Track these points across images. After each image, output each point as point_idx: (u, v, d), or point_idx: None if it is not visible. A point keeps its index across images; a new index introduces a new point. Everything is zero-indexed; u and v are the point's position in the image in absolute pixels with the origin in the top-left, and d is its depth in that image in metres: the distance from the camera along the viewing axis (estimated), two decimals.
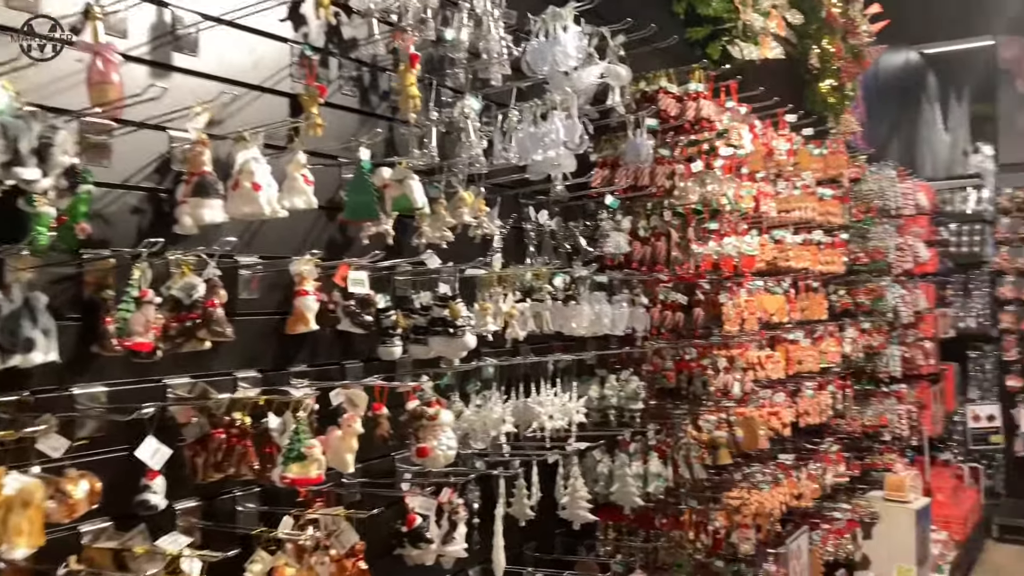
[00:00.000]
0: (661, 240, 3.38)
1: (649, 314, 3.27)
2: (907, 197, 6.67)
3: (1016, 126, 8.48)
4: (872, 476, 6.27)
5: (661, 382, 3.41)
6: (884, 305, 6.18)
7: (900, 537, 5.84)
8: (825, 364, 5.10)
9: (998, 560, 7.28)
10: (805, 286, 4.95)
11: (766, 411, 4.30)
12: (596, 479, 3.15)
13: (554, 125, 2.71)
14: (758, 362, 4.30)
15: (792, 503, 4.66)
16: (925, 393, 6.94)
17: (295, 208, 2.00)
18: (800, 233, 4.94)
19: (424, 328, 2.33)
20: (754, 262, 4.16)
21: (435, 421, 2.19)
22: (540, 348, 3.03)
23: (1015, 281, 8.33)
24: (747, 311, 4.12)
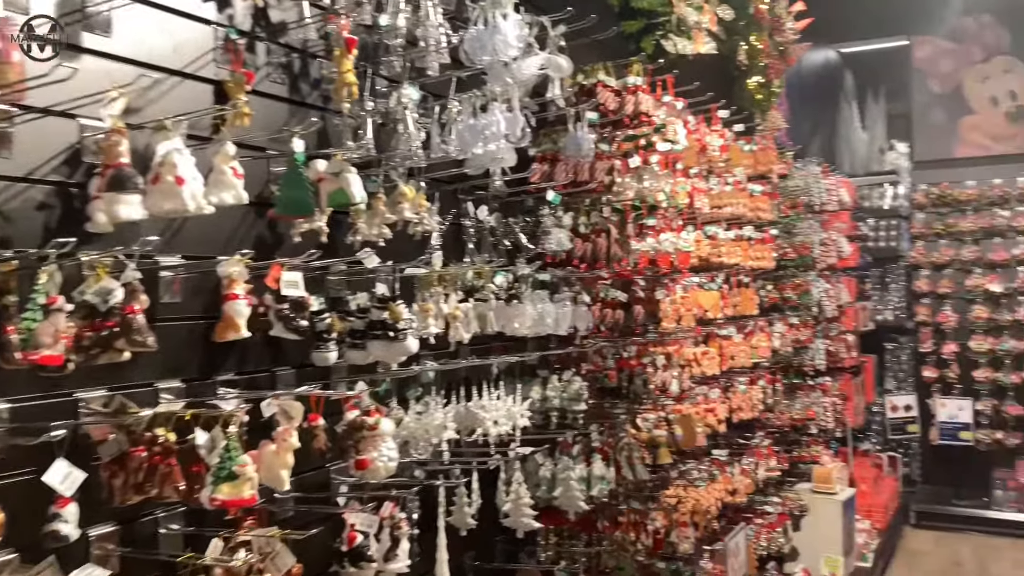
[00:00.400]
0: (601, 237, 3.30)
1: (590, 312, 3.19)
2: (831, 193, 6.78)
3: (930, 124, 8.73)
4: (800, 468, 6.36)
5: (602, 382, 3.34)
6: (810, 299, 6.26)
7: (827, 528, 5.94)
8: (756, 359, 5.13)
9: (916, 546, 7.50)
10: (737, 282, 4.96)
11: (702, 408, 4.29)
12: (538, 483, 3.05)
13: (495, 117, 2.60)
14: (694, 359, 4.28)
15: (727, 499, 4.67)
16: (847, 385, 7.08)
17: (223, 204, 1.83)
18: (732, 229, 4.95)
19: (362, 332, 2.19)
20: (690, 258, 4.13)
21: (375, 431, 2.06)
22: (480, 350, 2.92)
23: (930, 275, 8.59)
24: (683, 308, 4.09)
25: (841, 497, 6.01)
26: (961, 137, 8.59)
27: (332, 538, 2.17)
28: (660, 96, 3.88)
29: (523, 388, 3.06)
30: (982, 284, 8.24)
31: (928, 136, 8.74)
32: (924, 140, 8.77)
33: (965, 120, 8.56)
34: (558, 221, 3.08)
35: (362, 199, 2.12)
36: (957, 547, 7.44)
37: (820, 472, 6.10)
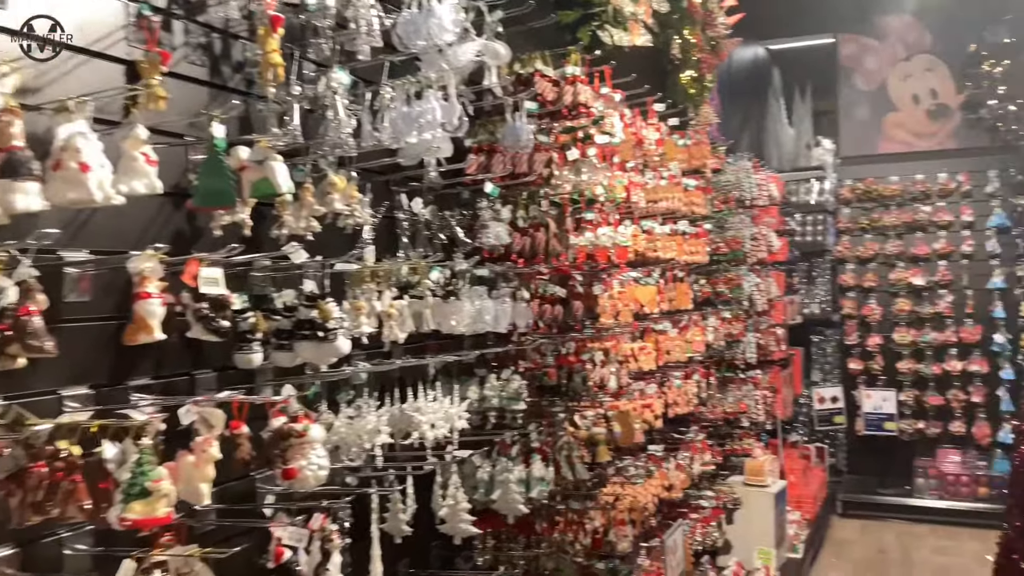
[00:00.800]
0: (540, 231, 3.21)
1: (530, 308, 3.10)
2: (761, 188, 6.83)
3: (855, 120, 8.90)
4: (732, 461, 6.40)
5: (541, 380, 3.25)
6: (741, 293, 6.30)
7: (760, 520, 5.99)
8: (691, 353, 5.12)
9: (843, 535, 7.65)
10: (672, 276, 4.93)
11: (639, 404, 4.24)
12: (476, 486, 2.95)
13: (430, 105, 2.47)
14: (632, 354, 4.23)
15: (664, 495, 4.65)
16: (777, 378, 7.16)
17: (134, 193, 1.67)
18: (667, 224, 4.92)
19: (289, 332, 2.04)
20: (627, 253, 4.07)
21: (303, 438, 1.92)
22: (416, 349, 2.80)
23: (855, 268, 8.77)
24: (621, 303, 4.04)
25: (773, 489, 6.06)
26: (885, 133, 8.78)
27: (258, 554, 2.03)
28: (598, 88, 3.81)
29: (460, 388, 2.95)
30: (905, 277, 8.44)
31: (854, 132, 8.91)
32: (850, 136, 8.94)
33: (889, 117, 8.76)
34: (496, 214, 2.97)
35: (288, 189, 1.97)
36: (882, 535, 7.62)
37: (752, 465, 6.14)
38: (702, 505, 5.32)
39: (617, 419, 3.77)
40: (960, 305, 8.26)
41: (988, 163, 8.28)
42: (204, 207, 1.93)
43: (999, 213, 8.15)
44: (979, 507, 7.70)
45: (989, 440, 8.08)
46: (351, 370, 2.33)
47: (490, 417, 2.94)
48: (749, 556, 5.83)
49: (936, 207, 8.44)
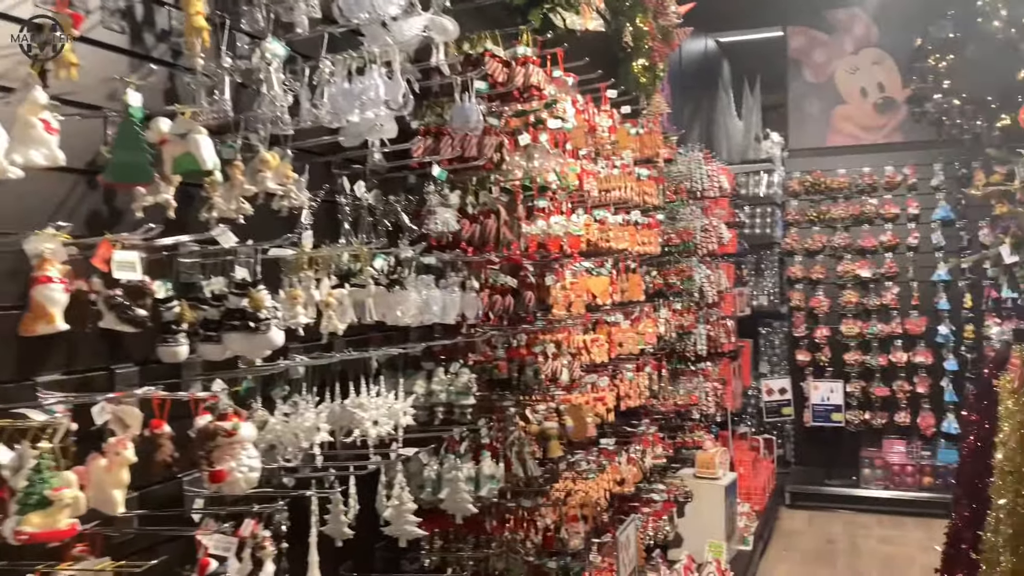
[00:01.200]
0: (491, 218, 3.07)
1: (479, 299, 2.96)
2: (712, 179, 6.79)
3: (804, 113, 8.93)
4: (683, 454, 6.36)
5: (492, 373, 3.12)
6: (692, 285, 6.25)
7: (710, 513, 5.95)
8: (643, 345, 5.04)
9: (792, 526, 7.68)
10: (624, 267, 4.84)
11: (592, 397, 4.14)
12: (422, 485, 2.81)
13: (373, 82, 2.32)
14: (584, 346, 4.12)
15: (616, 489, 4.56)
16: (726, 370, 7.14)
17: (31, 164, 1.49)
18: (619, 213, 4.83)
19: (217, 322, 1.88)
20: (580, 243, 3.96)
21: (233, 438, 1.76)
22: (358, 341, 2.65)
23: (803, 261, 8.80)
24: (574, 294, 3.92)
25: (723, 482, 6.03)
26: (834, 127, 8.83)
27: (181, 565, 1.86)
28: (550, 72, 3.68)
29: (406, 382, 2.80)
30: (852, 269, 8.51)
31: (802, 125, 8.95)
32: (799, 129, 8.97)
33: (837, 110, 8.81)
34: (444, 200, 2.83)
35: (214, 165, 1.80)
36: (829, 525, 7.67)
37: (703, 457, 6.11)
38: (654, 499, 5.26)
39: (569, 413, 3.66)
40: (906, 297, 8.35)
41: (933, 156, 8.37)
42: (118, 183, 1.76)
43: (943, 206, 8.25)
44: (923, 496, 7.80)
45: (933, 430, 8.19)
46: (287, 364, 2.17)
47: (438, 413, 2.80)
48: (700, 549, 5.79)
49: (883, 199, 8.51)
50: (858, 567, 6.58)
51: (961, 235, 8.20)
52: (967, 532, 4.43)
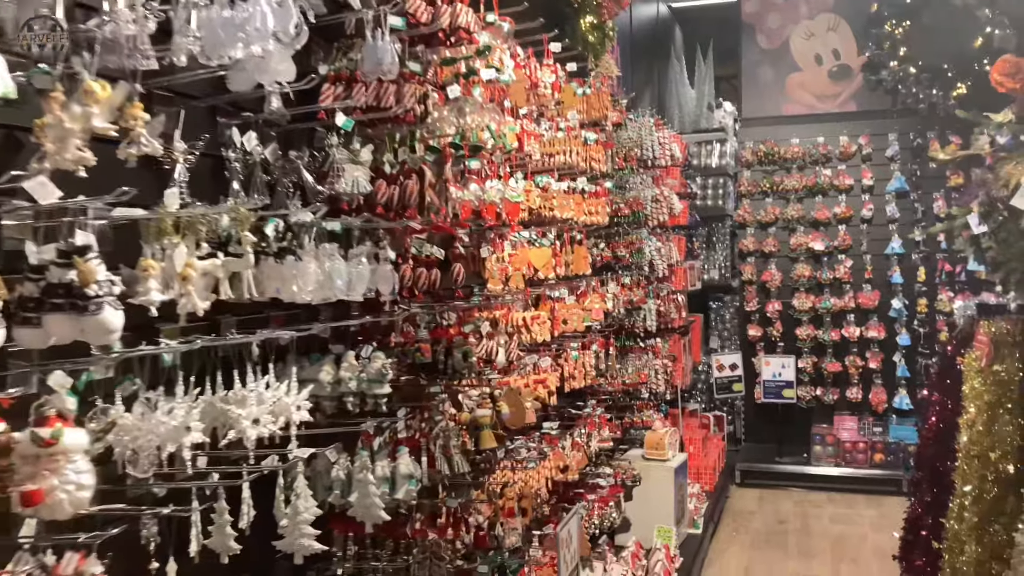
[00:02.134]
0: (412, 179, 2.68)
1: (398, 272, 2.58)
2: (664, 147, 6.46)
3: (758, 81, 8.65)
4: (631, 435, 6.08)
5: (415, 357, 2.74)
6: (642, 258, 5.94)
7: (659, 496, 5.69)
8: (589, 322, 4.71)
9: (742, 505, 7.48)
10: (569, 238, 4.49)
11: (532, 379, 3.79)
12: (330, 486, 2.44)
13: (259, 9, 1.92)
14: (524, 324, 3.77)
15: (559, 477, 4.24)
16: (676, 346, 6.87)
17: None
18: (564, 180, 4.47)
19: (38, 300, 1.47)
20: (519, 211, 3.59)
21: (54, 447, 1.37)
22: (252, 321, 2.25)
23: (755, 233, 8.56)
24: (512, 267, 3.56)
25: (673, 463, 5.76)
26: (788, 95, 8.56)
27: None
28: (483, 16, 3.29)
29: (310, 369, 2.42)
30: (805, 242, 8.28)
31: (756, 93, 8.66)
32: (752, 97, 8.69)
33: (792, 77, 8.53)
34: (354, 157, 2.43)
35: (6, 91, 1.39)
36: (780, 504, 7.48)
37: (652, 438, 5.83)
38: (600, 484, 4.95)
39: (506, 398, 3.30)
40: (859, 270, 8.17)
41: (888, 126, 8.16)
42: None
43: (898, 177, 8.06)
44: (875, 473, 7.67)
45: (885, 406, 8.05)
46: (148, 350, 1.77)
47: (349, 404, 2.42)
48: (648, 533, 5.53)
49: (837, 170, 8.28)
50: (810, 548, 6.39)
51: (916, 207, 8.01)
52: (927, 518, 4.21)
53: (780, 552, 6.32)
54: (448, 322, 2.94)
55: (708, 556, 6.17)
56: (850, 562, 6.08)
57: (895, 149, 8.09)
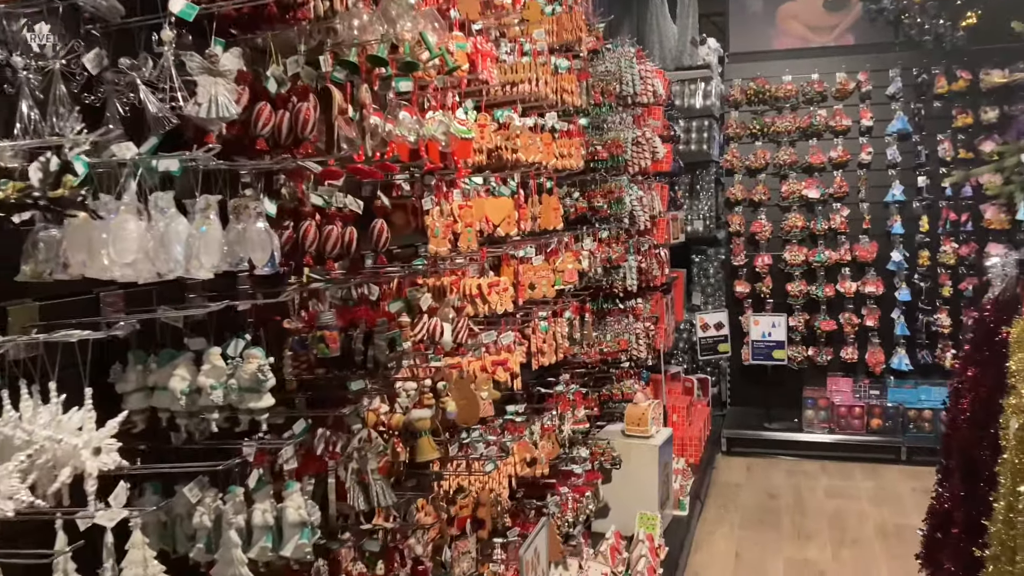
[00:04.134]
0: (310, 102, 1.92)
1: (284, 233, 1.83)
2: (646, 83, 5.68)
3: (746, 11, 7.85)
4: (611, 407, 5.42)
5: (319, 349, 2.00)
6: (622, 209, 5.21)
7: (642, 478, 5.05)
8: (561, 285, 4.00)
9: (729, 477, 6.88)
10: (536, 187, 3.75)
11: (491, 361, 3.08)
12: (192, 536, 1.72)
13: None
14: (479, 293, 3.05)
15: (525, 472, 3.57)
16: (659, 306, 6.19)
17: None
18: (530, 116, 3.72)
19: None
20: (471, 150, 2.84)
21: None
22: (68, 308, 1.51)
23: (743, 180, 7.84)
24: (463, 222, 2.83)
25: (657, 440, 5.11)
26: (779, 27, 7.78)
27: None
28: None
29: (157, 372, 1.69)
30: (798, 190, 7.59)
31: (744, 25, 7.88)
32: (740, 30, 7.91)
33: (784, 7, 7.74)
34: (212, 65, 1.66)
35: None
36: (770, 475, 6.90)
37: (633, 412, 5.16)
38: (574, 472, 4.28)
39: (454, 390, 2.59)
40: (856, 220, 7.50)
41: (890, 61, 7.42)
42: None
43: (900, 117, 7.34)
44: (872, 440, 7.09)
45: (882, 367, 7.45)
46: None
47: (213, 423, 1.69)
48: (629, 519, 4.89)
49: (833, 110, 7.55)
50: (805, 527, 5.80)
51: (919, 150, 7.31)
52: (959, 513, 3.58)
53: (773, 533, 5.73)
54: (370, 298, 2.21)
55: (695, 540, 5.57)
56: (851, 544, 5.50)
57: (897, 86, 7.36)
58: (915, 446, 6.92)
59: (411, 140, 2.51)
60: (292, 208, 2.06)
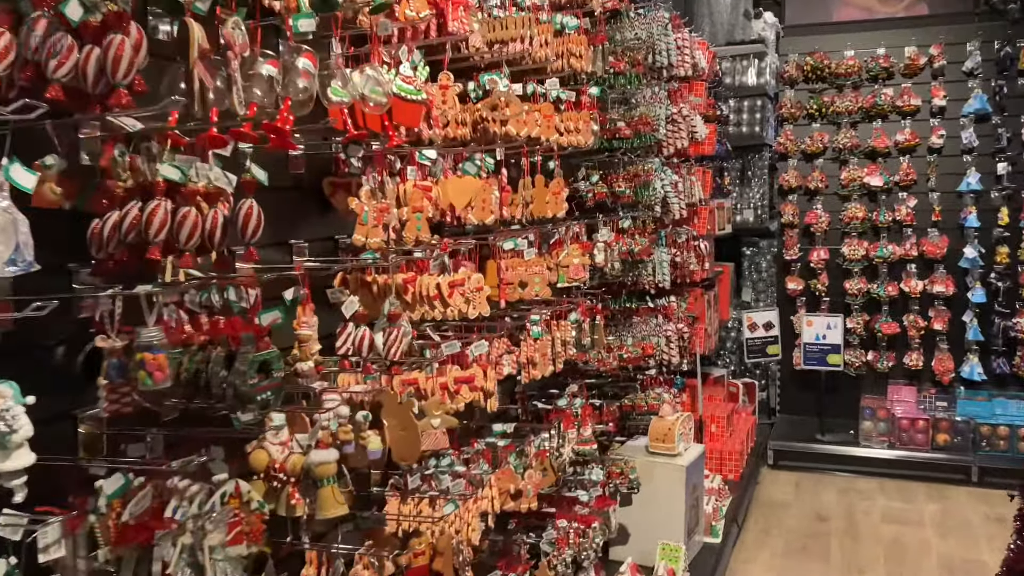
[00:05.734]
0: (126, 35, 1.38)
1: (115, 216, 1.30)
2: (683, 53, 5.03)
3: None
4: (634, 420, 4.82)
5: (139, 379, 1.46)
6: (651, 195, 4.57)
7: (667, 501, 4.43)
8: (565, 282, 3.41)
9: (774, 494, 6.20)
10: (530, 166, 3.16)
11: (454, 378, 2.52)
12: None
13: None
14: (438, 295, 2.48)
15: (509, 506, 3.00)
16: (698, 303, 5.54)
17: None
18: (527, 82, 3.13)
19: None
20: (420, 115, 2.27)
21: None
22: None
23: (799, 166, 7.12)
24: (410, 206, 2.26)
25: (685, 460, 4.48)
26: None
27: None
28: None
29: None
30: (859, 177, 6.84)
31: None
32: (797, 1, 7.15)
33: None
34: None
35: None
36: (820, 494, 6.20)
37: (658, 427, 4.55)
38: (579, 499, 3.70)
39: (390, 419, 2.04)
40: (925, 211, 6.74)
41: (968, 33, 6.62)
42: None
43: (979, 96, 6.54)
44: (937, 458, 6.32)
45: (951, 376, 6.67)
46: None
47: None
48: (651, 548, 4.30)
49: (901, 88, 6.78)
50: (859, 557, 5.12)
51: (1000, 133, 6.50)
52: None
53: (819, 564, 5.06)
54: (238, 304, 1.65)
55: (729, 570, 4.93)
56: None
57: (975, 61, 6.57)
58: (988, 466, 6.15)
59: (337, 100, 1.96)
60: (138, 185, 1.53)
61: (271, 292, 1.90)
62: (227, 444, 1.63)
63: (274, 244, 2.26)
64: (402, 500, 2.58)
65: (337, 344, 2.04)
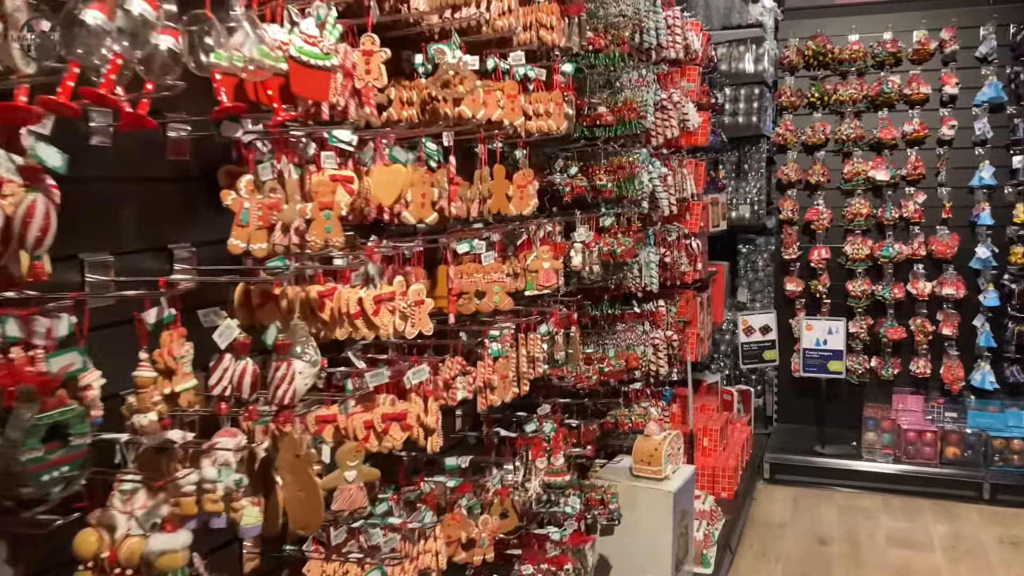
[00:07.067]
0: None
1: None
2: (673, 33, 4.56)
3: None
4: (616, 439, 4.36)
5: None
6: (637, 190, 4.10)
7: (653, 529, 3.98)
8: (534, 290, 2.94)
9: (770, 514, 5.75)
10: (487, 155, 2.69)
11: (380, 415, 2.04)
12: None
13: None
14: (360, 312, 2.00)
15: (460, 557, 2.54)
16: (691, 306, 5.08)
17: None
18: (486, 56, 2.65)
19: None
20: (327, 86, 1.79)
21: None
22: None
23: (799, 158, 6.66)
24: (316, 201, 1.79)
25: (673, 484, 4.03)
26: None
27: None
28: None
29: None
30: (864, 171, 6.39)
31: None
32: None
33: None
34: None
35: None
36: (820, 512, 5.76)
37: (643, 447, 4.09)
38: (550, 538, 3.23)
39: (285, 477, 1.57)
40: (934, 208, 6.30)
41: (981, 16, 6.18)
42: None
43: (993, 84, 6.10)
44: (946, 473, 5.89)
45: (961, 385, 6.24)
46: None
47: None
48: None
49: (908, 76, 6.32)
50: None
51: (1016, 123, 6.05)
52: None
53: None
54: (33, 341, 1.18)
55: None
56: None
57: (990, 46, 6.14)
58: (1001, 483, 5.72)
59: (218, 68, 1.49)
60: None
61: None
62: (11, 539, 1.16)
63: (147, 250, 1.78)
64: (326, 559, 2.11)
65: (210, 381, 1.57)
